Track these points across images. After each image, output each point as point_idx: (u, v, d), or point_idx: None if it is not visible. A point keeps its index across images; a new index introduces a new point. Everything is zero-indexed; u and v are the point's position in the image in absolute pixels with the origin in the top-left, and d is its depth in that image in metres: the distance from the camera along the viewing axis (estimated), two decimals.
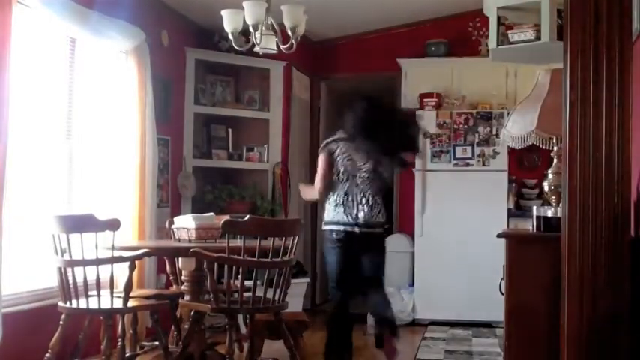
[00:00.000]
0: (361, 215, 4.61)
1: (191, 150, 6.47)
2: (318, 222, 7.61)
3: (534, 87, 3.91)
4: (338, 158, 4.64)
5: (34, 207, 4.50)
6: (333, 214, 4.68)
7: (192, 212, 5.83)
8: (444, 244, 6.81)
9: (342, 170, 4.65)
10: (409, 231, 7.15)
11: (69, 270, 3.98)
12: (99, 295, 3.92)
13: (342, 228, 4.64)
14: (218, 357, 4.39)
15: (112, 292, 3.90)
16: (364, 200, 4.65)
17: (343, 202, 4.65)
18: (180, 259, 4.55)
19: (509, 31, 3.85)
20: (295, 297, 5.98)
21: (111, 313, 3.93)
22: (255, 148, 6.87)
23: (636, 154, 3.01)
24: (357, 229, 4.62)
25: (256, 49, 4.55)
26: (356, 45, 7.76)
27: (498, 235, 3.58)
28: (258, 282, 4.58)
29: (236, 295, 4.04)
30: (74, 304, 3.90)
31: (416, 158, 5.58)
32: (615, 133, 2.90)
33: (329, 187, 4.70)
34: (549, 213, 3.54)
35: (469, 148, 6.82)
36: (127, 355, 4.21)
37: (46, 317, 4.28)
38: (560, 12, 3.56)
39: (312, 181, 4.92)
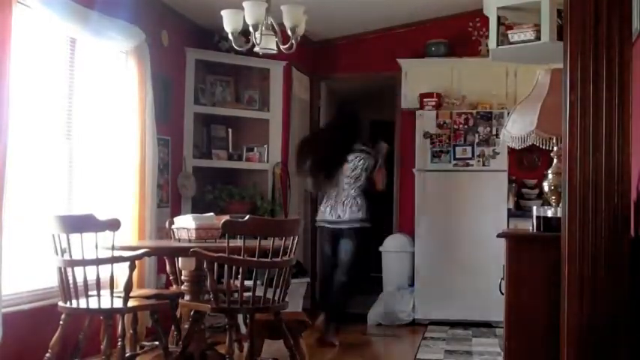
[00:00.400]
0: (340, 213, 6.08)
1: (191, 150, 6.47)
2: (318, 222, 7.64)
3: (534, 87, 3.91)
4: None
5: (34, 207, 4.50)
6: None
7: (192, 212, 5.83)
8: (444, 244, 6.81)
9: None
10: (409, 231, 7.15)
11: (69, 270, 3.98)
12: (99, 295, 3.93)
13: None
14: (218, 357, 4.39)
15: (112, 292, 3.90)
16: (347, 201, 6.10)
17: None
18: (180, 259, 4.55)
19: (509, 31, 3.86)
20: (295, 297, 5.99)
21: (111, 313, 3.93)
22: (255, 148, 6.87)
23: (636, 154, 3.02)
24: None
25: (256, 49, 4.55)
26: (356, 45, 7.75)
27: (498, 235, 3.58)
28: (258, 282, 4.59)
29: (236, 295, 4.04)
30: (74, 304, 3.90)
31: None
32: (615, 133, 2.90)
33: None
34: (549, 213, 3.54)
35: (469, 148, 6.82)
36: (127, 355, 4.21)
37: (46, 317, 4.29)
38: (560, 12, 3.56)
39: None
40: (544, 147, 3.77)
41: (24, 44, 4.34)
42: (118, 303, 3.92)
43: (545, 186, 3.80)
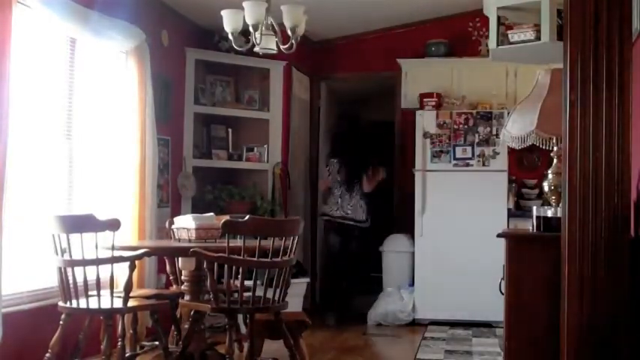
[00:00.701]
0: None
1: (191, 150, 6.47)
2: (318, 222, 7.69)
3: (534, 87, 3.91)
4: None
5: (34, 207, 4.50)
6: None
7: (192, 212, 5.83)
8: (444, 244, 6.80)
9: None
10: (409, 231, 7.15)
11: (69, 270, 3.98)
12: (99, 295, 3.93)
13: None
14: (218, 357, 4.39)
15: (112, 292, 3.90)
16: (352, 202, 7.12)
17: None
18: (180, 259, 4.55)
19: (509, 31, 3.85)
20: (295, 297, 5.99)
21: (111, 313, 3.93)
22: (255, 148, 6.86)
23: (636, 154, 3.02)
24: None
25: (256, 49, 4.55)
26: (356, 45, 7.75)
27: (498, 235, 3.58)
28: (258, 282, 4.59)
29: (236, 295, 4.04)
30: (74, 304, 3.90)
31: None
32: (615, 133, 2.90)
33: None
34: (549, 213, 3.54)
35: (469, 148, 6.82)
36: (127, 355, 4.21)
37: (46, 317, 4.29)
38: (560, 12, 3.56)
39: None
40: (544, 147, 3.77)
41: (24, 44, 4.34)
42: (118, 303, 3.92)
43: (545, 186, 3.80)
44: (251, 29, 4.42)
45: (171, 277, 4.92)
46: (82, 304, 3.90)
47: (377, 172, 7.24)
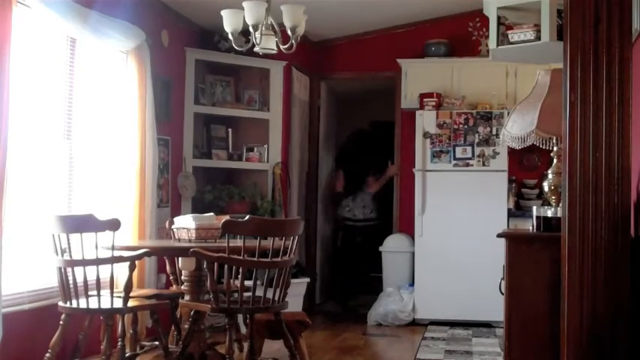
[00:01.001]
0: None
1: (191, 150, 6.47)
2: (318, 222, 7.69)
3: (534, 87, 3.91)
4: None
5: (34, 207, 4.50)
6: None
7: (192, 212, 5.83)
8: (444, 244, 6.80)
9: None
10: (409, 231, 7.15)
11: (69, 270, 3.98)
12: (99, 295, 3.93)
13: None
14: (218, 357, 4.39)
15: (112, 292, 3.90)
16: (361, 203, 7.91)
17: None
18: (180, 259, 4.56)
19: (509, 31, 3.85)
20: (295, 297, 5.99)
21: (111, 313, 3.93)
22: (255, 148, 6.86)
23: (636, 154, 3.02)
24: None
25: (256, 49, 4.55)
26: (356, 45, 7.75)
27: (498, 235, 3.58)
28: (258, 282, 4.59)
29: (236, 295, 4.05)
30: (74, 304, 3.91)
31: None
32: (615, 133, 2.90)
33: None
34: (549, 213, 3.54)
35: (469, 148, 6.82)
36: (127, 355, 4.21)
37: (46, 317, 4.29)
38: (560, 12, 3.56)
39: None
40: (544, 147, 3.78)
41: (24, 44, 4.34)
42: (118, 303, 3.92)
43: (545, 186, 3.80)
44: (251, 29, 4.42)
45: (171, 277, 4.92)
46: (82, 304, 3.90)
47: (385, 172, 7.73)
